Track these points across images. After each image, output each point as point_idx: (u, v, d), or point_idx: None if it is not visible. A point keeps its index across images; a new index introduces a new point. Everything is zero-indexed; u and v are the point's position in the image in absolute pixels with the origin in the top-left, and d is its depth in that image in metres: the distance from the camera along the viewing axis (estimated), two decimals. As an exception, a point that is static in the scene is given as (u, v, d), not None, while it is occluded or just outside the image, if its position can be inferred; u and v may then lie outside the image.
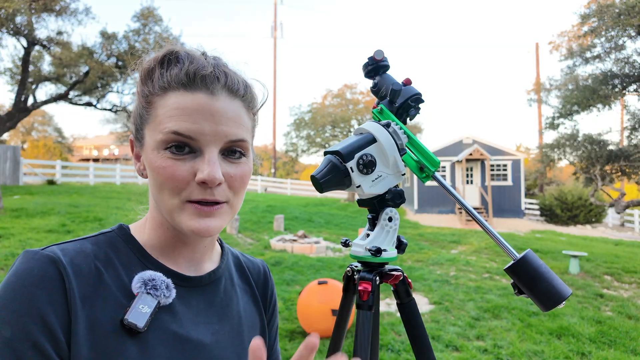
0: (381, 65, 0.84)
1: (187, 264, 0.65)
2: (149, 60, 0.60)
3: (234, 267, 0.75)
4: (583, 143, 9.11)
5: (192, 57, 0.58)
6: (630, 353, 3.81)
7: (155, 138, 0.56)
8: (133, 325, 0.53)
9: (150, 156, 0.57)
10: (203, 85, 0.56)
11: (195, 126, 0.54)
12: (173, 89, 0.56)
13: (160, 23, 12.52)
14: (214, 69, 0.57)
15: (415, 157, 0.81)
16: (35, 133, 36.31)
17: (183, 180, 0.55)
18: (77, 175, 18.39)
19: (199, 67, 0.56)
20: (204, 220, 0.56)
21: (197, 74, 0.56)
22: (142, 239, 0.63)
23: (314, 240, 8.43)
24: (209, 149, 0.55)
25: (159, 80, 0.57)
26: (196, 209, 0.56)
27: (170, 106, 0.55)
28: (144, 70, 0.59)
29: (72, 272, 0.53)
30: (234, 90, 0.59)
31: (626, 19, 7.08)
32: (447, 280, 6.10)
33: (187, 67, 0.56)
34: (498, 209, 17.56)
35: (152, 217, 0.63)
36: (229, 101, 0.58)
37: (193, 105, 0.55)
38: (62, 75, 12.72)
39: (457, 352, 3.69)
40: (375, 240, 0.77)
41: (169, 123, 0.55)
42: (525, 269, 0.68)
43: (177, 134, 0.54)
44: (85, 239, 0.60)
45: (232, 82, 0.59)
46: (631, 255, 8.73)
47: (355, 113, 21.21)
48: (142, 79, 0.59)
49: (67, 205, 9.55)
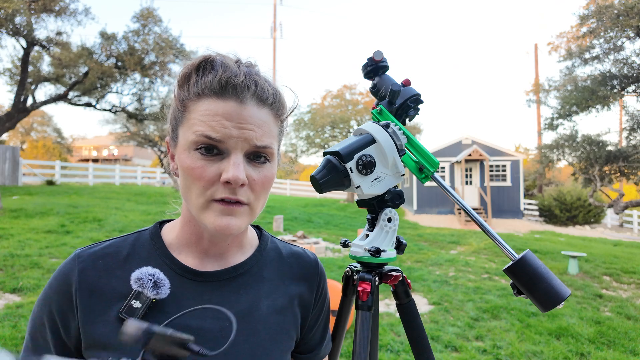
0: (380, 66, 0.84)
1: (211, 260, 0.69)
2: (187, 66, 0.64)
3: (270, 261, 0.75)
4: (582, 144, 9.11)
5: (226, 65, 0.61)
6: (629, 353, 3.81)
7: (187, 139, 0.61)
8: (126, 318, 0.59)
9: (182, 156, 0.61)
10: (234, 93, 0.60)
11: (224, 130, 0.59)
12: (206, 95, 0.60)
13: (159, 24, 12.49)
14: (245, 78, 0.61)
15: (415, 158, 0.81)
16: (35, 133, 36.26)
17: (210, 180, 0.59)
18: (77, 176, 18.38)
19: (231, 76, 0.60)
20: (226, 218, 0.60)
21: (229, 82, 0.60)
22: (171, 235, 0.70)
23: (313, 241, 8.43)
24: (235, 152, 0.60)
25: (194, 86, 0.61)
26: (220, 207, 0.60)
27: (203, 111, 0.60)
28: (182, 75, 0.63)
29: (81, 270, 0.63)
30: (263, 99, 0.62)
31: (625, 20, 7.10)
32: (446, 281, 6.10)
33: (220, 75, 0.60)
34: (497, 210, 17.57)
35: (183, 214, 0.69)
36: (257, 109, 0.62)
37: (223, 112, 0.59)
38: (61, 76, 12.70)
39: (456, 353, 3.69)
40: (375, 241, 0.77)
41: (201, 126, 0.59)
42: (524, 270, 0.69)
43: (207, 137, 0.59)
44: (118, 238, 0.70)
45: (262, 90, 0.62)
46: (630, 256, 8.74)
47: (355, 114, 21.20)
48: (179, 83, 0.64)
49: (66, 206, 9.54)
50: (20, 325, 3.56)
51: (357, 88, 22.04)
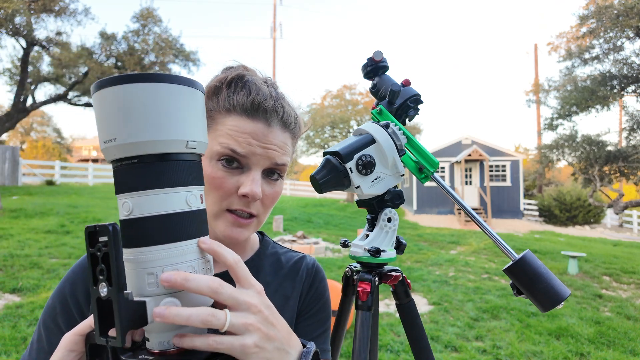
0: (380, 66, 0.84)
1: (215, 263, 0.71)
2: (217, 79, 0.67)
3: (268, 264, 0.78)
4: (582, 144, 9.11)
5: (258, 88, 0.65)
6: (629, 353, 3.81)
7: (212, 149, 0.64)
8: None
9: (204, 164, 0.63)
10: (263, 116, 0.64)
11: (249, 148, 0.63)
12: (237, 112, 0.64)
13: (159, 24, 12.51)
14: (274, 102, 0.65)
15: (414, 158, 0.81)
16: (34, 133, 36.25)
17: (228, 191, 0.63)
18: (76, 176, 18.35)
19: (262, 100, 0.64)
20: (237, 230, 0.64)
21: (260, 105, 0.64)
22: None
23: (313, 241, 8.42)
24: (255, 168, 0.64)
25: (224, 100, 0.65)
26: (234, 219, 0.64)
27: (232, 126, 0.63)
28: (211, 88, 0.67)
29: None
30: (287, 124, 0.68)
31: (625, 20, 7.10)
32: (446, 281, 6.10)
33: (253, 97, 0.64)
34: (497, 210, 17.57)
35: None
36: (281, 132, 0.67)
37: (251, 131, 0.63)
38: (61, 76, 12.70)
39: (456, 353, 3.69)
40: (375, 241, 0.77)
41: (228, 140, 0.63)
42: (524, 270, 0.69)
43: (233, 151, 0.62)
44: None
45: (287, 116, 0.67)
46: (630, 256, 8.74)
47: (355, 114, 21.19)
48: (207, 94, 0.67)
49: (66, 206, 9.53)
50: (20, 326, 3.55)
51: (357, 88, 22.04)
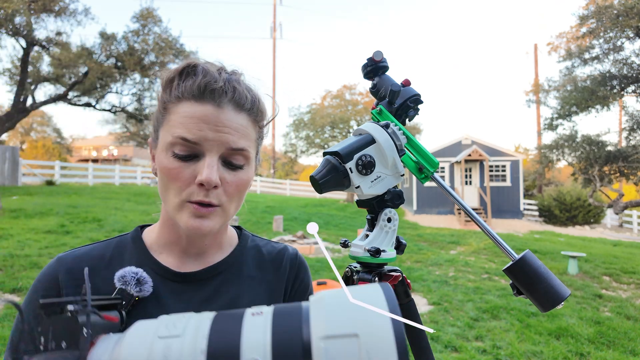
0: (380, 66, 0.84)
1: (190, 259, 0.71)
2: (171, 71, 0.66)
3: (250, 258, 0.77)
4: (582, 144, 9.12)
5: (207, 71, 0.63)
6: (629, 353, 3.81)
7: (166, 140, 0.62)
8: None
9: (160, 157, 0.63)
10: (211, 98, 0.62)
11: (200, 133, 0.60)
12: (186, 99, 0.62)
13: (159, 24, 12.50)
14: (224, 84, 0.62)
15: (414, 158, 0.81)
16: (34, 133, 36.26)
17: (185, 182, 0.61)
18: (76, 176, 18.36)
19: (210, 81, 0.62)
20: (199, 220, 0.62)
21: (207, 87, 0.61)
22: (151, 237, 0.72)
23: (313, 241, 8.43)
24: (210, 154, 0.61)
25: (175, 89, 0.63)
26: (194, 209, 0.62)
27: (182, 114, 0.61)
28: (165, 79, 0.65)
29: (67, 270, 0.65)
30: (241, 104, 0.64)
31: (624, 21, 7.11)
32: (446, 281, 6.11)
33: (200, 80, 0.62)
34: (497, 210, 17.57)
35: (162, 215, 0.71)
36: (234, 113, 0.63)
37: (201, 115, 0.61)
38: (61, 76, 12.69)
39: (456, 353, 3.69)
40: (374, 241, 0.77)
41: (179, 129, 0.61)
42: (524, 270, 0.68)
43: (183, 139, 0.60)
44: (100, 242, 0.72)
45: (240, 96, 0.64)
46: (630, 256, 8.74)
47: (355, 114, 21.20)
48: (163, 86, 0.66)
49: (66, 206, 9.53)
50: (19, 326, 3.56)
51: (357, 88, 22.06)
